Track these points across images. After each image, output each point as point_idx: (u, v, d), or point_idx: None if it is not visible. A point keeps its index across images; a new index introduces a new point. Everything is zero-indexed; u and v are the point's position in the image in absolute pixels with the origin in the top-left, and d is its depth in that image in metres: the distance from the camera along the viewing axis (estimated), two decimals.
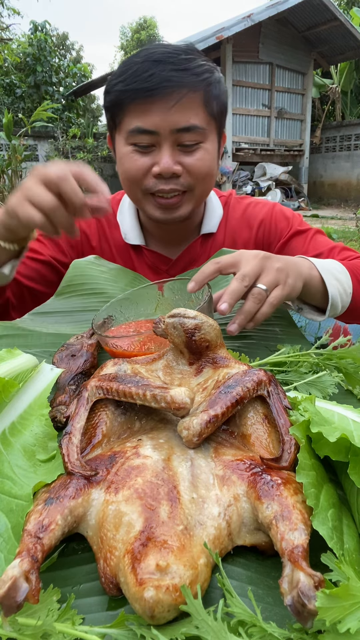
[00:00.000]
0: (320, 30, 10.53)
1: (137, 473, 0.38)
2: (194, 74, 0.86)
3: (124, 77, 0.86)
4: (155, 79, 0.83)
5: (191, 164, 0.90)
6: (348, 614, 0.28)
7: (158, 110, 0.85)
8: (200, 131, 0.89)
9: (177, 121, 0.86)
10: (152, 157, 0.89)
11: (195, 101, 0.87)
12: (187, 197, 0.94)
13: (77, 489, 0.37)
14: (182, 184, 0.91)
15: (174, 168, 0.88)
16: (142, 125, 0.87)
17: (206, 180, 0.94)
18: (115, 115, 0.92)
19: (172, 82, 0.84)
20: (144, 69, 0.84)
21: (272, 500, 0.35)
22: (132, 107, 0.87)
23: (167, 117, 0.85)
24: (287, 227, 1.08)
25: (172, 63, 0.84)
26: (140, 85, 0.84)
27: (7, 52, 10.86)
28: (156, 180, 0.90)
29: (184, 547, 0.33)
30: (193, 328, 0.52)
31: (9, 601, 0.29)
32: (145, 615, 0.30)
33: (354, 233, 6.62)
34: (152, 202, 0.94)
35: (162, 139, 0.88)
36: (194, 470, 0.39)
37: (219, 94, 0.92)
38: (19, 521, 0.37)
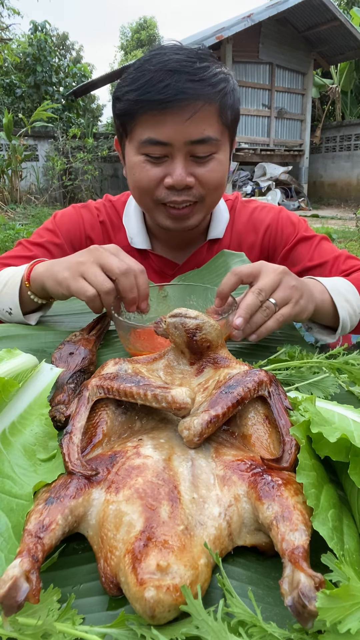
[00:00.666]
0: (320, 30, 10.52)
1: (137, 473, 0.38)
2: (210, 84, 0.83)
3: (137, 86, 0.83)
4: (170, 91, 0.80)
5: (204, 175, 0.89)
6: (348, 614, 0.28)
7: (172, 122, 0.83)
8: (214, 142, 0.87)
9: (191, 133, 0.84)
10: (165, 167, 0.88)
11: (210, 113, 0.85)
12: (198, 207, 0.93)
13: (77, 489, 0.37)
14: (194, 194, 0.90)
15: (187, 180, 0.87)
16: (155, 136, 0.85)
17: (217, 190, 0.94)
18: (126, 124, 0.89)
19: (188, 95, 0.81)
20: (158, 79, 0.81)
21: (272, 501, 0.36)
22: (145, 117, 0.85)
23: (181, 130, 0.83)
24: (293, 233, 1.08)
25: (187, 73, 0.81)
26: (154, 97, 0.81)
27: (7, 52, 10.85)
28: (168, 191, 0.89)
29: (184, 547, 0.33)
30: (194, 328, 0.52)
31: (10, 601, 0.29)
32: (145, 615, 0.30)
33: (354, 233, 6.62)
34: (164, 212, 0.93)
35: (175, 150, 0.86)
36: (195, 471, 0.39)
37: (234, 102, 0.90)
38: (20, 520, 0.37)
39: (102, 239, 1.10)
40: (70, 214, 1.12)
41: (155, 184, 0.89)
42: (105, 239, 1.10)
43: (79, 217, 1.10)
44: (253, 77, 10.62)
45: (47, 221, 1.12)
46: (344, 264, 1.03)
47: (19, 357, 0.55)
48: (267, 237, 1.10)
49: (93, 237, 1.10)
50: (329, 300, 0.81)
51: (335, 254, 1.04)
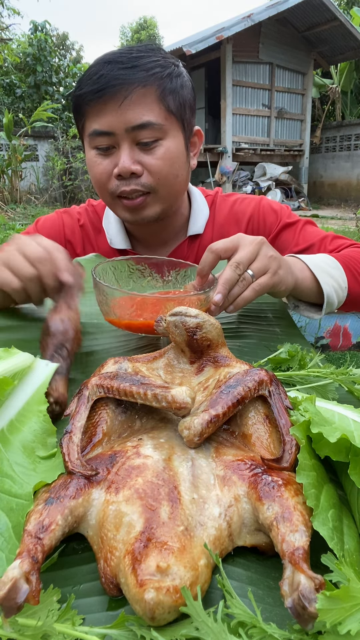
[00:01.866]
0: (320, 30, 10.53)
1: (137, 473, 0.38)
2: (143, 70, 0.85)
3: (80, 82, 0.88)
4: (104, 79, 0.83)
5: (151, 163, 0.89)
6: (348, 615, 0.28)
7: (110, 110, 0.85)
8: (157, 127, 0.87)
9: (130, 119, 0.85)
10: (113, 158, 0.89)
11: (147, 97, 0.85)
12: (151, 198, 0.93)
13: (77, 489, 0.37)
14: (143, 184, 0.90)
15: (132, 168, 0.87)
16: (98, 127, 0.87)
17: (169, 180, 0.92)
18: (78, 121, 0.93)
19: (119, 80, 0.83)
20: (94, 72, 0.85)
21: (272, 502, 0.35)
22: (88, 110, 0.88)
23: (119, 116, 0.85)
24: (276, 221, 1.07)
25: (120, 62, 0.84)
26: (90, 87, 0.85)
27: (7, 52, 10.85)
28: (118, 182, 0.90)
29: (184, 548, 0.33)
30: (194, 327, 0.52)
31: (10, 602, 0.29)
32: (145, 616, 0.30)
33: (354, 233, 6.62)
34: (120, 205, 0.94)
35: (119, 139, 0.87)
36: (195, 471, 0.39)
37: (177, 87, 0.89)
38: (20, 520, 0.37)
39: (82, 242, 1.11)
40: (52, 220, 1.13)
41: (107, 176, 0.90)
42: (86, 242, 1.11)
43: (59, 222, 1.12)
44: (253, 77, 10.63)
45: (30, 226, 1.14)
46: (331, 244, 1.02)
47: (16, 356, 0.55)
48: (250, 228, 1.09)
49: (73, 242, 1.11)
50: (311, 276, 0.81)
51: (321, 236, 1.03)
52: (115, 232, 1.08)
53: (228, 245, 0.72)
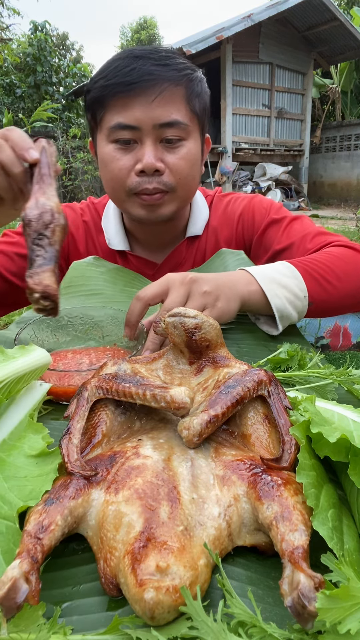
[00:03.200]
0: (320, 30, 10.53)
1: (137, 473, 0.38)
2: (175, 69, 0.85)
3: (105, 74, 0.86)
4: (136, 73, 0.83)
5: (174, 162, 0.89)
6: (348, 614, 0.28)
7: (139, 104, 0.84)
8: (182, 127, 0.88)
9: (159, 116, 0.85)
10: (135, 154, 0.88)
11: (176, 96, 0.86)
12: (169, 197, 0.92)
13: (77, 489, 0.37)
14: (165, 183, 0.89)
15: (157, 164, 0.87)
16: (123, 120, 0.86)
17: (188, 182, 0.93)
18: (96, 113, 0.91)
19: (153, 76, 0.83)
20: (125, 65, 0.84)
21: (272, 501, 0.35)
22: (112, 102, 0.86)
23: (148, 112, 0.84)
24: (264, 218, 1.05)
25: (152, 59, 0.84)
26: (120, 80, 0.83)
27: (7, 52, 10.85)
28: (139, 179, 0.89)
29: (184, 548, 0.33)
30: (193, 327, 0.52)
31: (9, 602, 0.29)
32: (145, 616, 0.30)
33: (354, 233, 6.62)
34: (136, 202, 0.93)
35: (143, 135, 0.86)
36: (194, 471, 0.39)
37: (201, 92, 0.91)
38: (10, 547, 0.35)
39: (85, 239, 1.10)
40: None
41: (127, 172, 0.89)
42: (88, 239, 1.10)
43: None
44: (253, 77, 10.62)
45: None
46: (311, 242, 0.97)
47: (33, 352, 0.54)
48: (240, 227, 1.08)
49: (76, 237, 1.09)
50: (259, 290, 0.76)
51: (303, 233, 0.99)
52: (114, 233, 1.07)
53: (156, 291, 0.68)
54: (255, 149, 10.82)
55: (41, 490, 0.38)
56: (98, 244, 1.09)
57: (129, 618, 0.31)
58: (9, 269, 1.00)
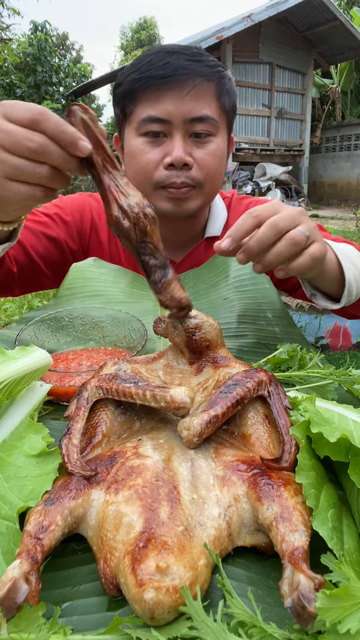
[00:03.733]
0: (320, 30, 10.52)
1: (137, 473, 0.38)
2: (207, 65, 0.86)
3: (138, 67, 0.87)
4: (170, 67, 0.84)
5: (202, 157, 0.89)
6: (348, 614, 0.28)
7: (171, 98, 0.85)
8: (212, 122, 0.88)
9: (190, 110, 0.86)
10: (163, 148, 0.88)
11: (208, 92, 0.87)
12: (196, 192, 0.93)
13: (77, 490, 0.37)
14: (192, 177, 0.90)
15: (186, 158, 0.87)
16: (154, 113, 0.86)
17: (215, 177, 0.93)
18: (126, 106, 0.91)
19: (187, 70, 0.84)
20: (158, 59, 0.85)
21: (272, 502, 0.35)
22: (144, 95, 0.87)
23: (180, 106, 0.85)
24: None
25: (185, 54, 0.85)
26: (154, 73, 0.84)
27: (7, 52, 10.85)
28: (168, 172, 0.89)
29: (184, 548, 0.33)
30: (193, 327, 0.52)
31: (9, 602, 0.29)
32: (145, 616, 0.30)
33: (354, 233, 6.62)
34: (163, 195, 0.92)
35: (174, 129, 0.87)
36: (194, 471, 0.39)
37: (230, 90, 0.92)
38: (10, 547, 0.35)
39: (107, 231, 1.09)
40: (78, 199, 1.10)
41: (155, 165, 0.89)
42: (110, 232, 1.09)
43: (87, 203, 1.09)
44: (253, 77, 10.62)
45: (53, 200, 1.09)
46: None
47: (33, 353, 0.54)
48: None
49: (99, 227, 1.08)
50: (335, 259, 0.73)
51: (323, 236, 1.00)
52: None
53: (270, 211, 0.62)
54: (255, 149, 10.81)
55: (41, 490, 0.38)
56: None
57: (129, 618, 0.31)
58: (35, 247, 0.99)
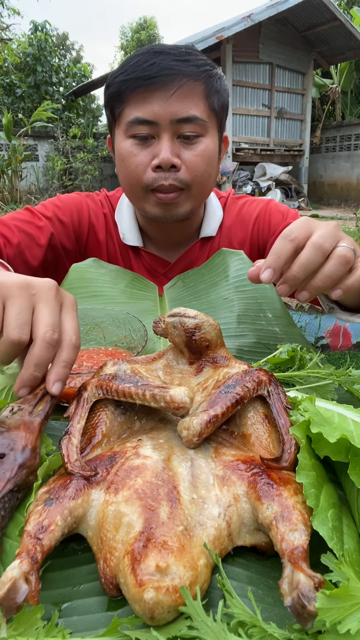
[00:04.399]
0: (320, 30, 10.52)
1: (137, 473, 0.38)
2: (194, 65, 0.86)
3: (125, 69, 0.86)
4: (156, 68, 0.83)
5: (190, 159, 0.88)
6: (348, 614, 0.28)
7: (158, 99, 0.84)
8: (201, 123, 0.88)
9: (177, 111, 0.85)
10: (152, 150, 0.88)
11: (195, 91, 0.86)
12: (185, 195, 0.92)
13: (76, 490, 0.37)
14: (180, 180, 0.89)
15: (173, 160, 0.87)
16: (141, 115, 0.86)
17: (204, 179, 0.92)
18: (114, 108, 0.91)
19: (173, 70, 0.83)
20: (144, 60, 0.84)
21: (272, 501, 0.35)
22: (132, 97, 0.86)
23: (167, 107, 0.85)
24: (281, 222, 1.05)
25: (172, 54, 0.85)
26: (140, 74, 0.84)
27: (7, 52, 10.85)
28: (156, 175, 0.88)
29: (184, 548, 0.33)
30: (193, 327, 0.52)
31: (9, 602, 0.29)
32: (145, 616, 0.30)
33: (354, 233, 6.62)
34: (152, 199, 0.92)
35: (161, 130, 0.86)
36: (194, 471, 0.39)
37: (220, 89, 0.91)
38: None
39: (105, 230, 1.09)
40: (75, 199, 1.09)
41: (143, 168, 0.89)
42: (107, 230, 1.09)
43: (84, 204, 1.09)
44: (253, 77, 10.62)
45: (52, 199, 1.09)
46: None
47: None
48: (256, 230, 1.07)
49: (97, 227, 1.08)
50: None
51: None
52: (128, 228, 1.06)
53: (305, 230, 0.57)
54: (255, 149, 10.82)
55: None
56: (115, 237, 1.08)
57: (128, 619, 0.31)
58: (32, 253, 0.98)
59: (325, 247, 0.55)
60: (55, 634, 0.30)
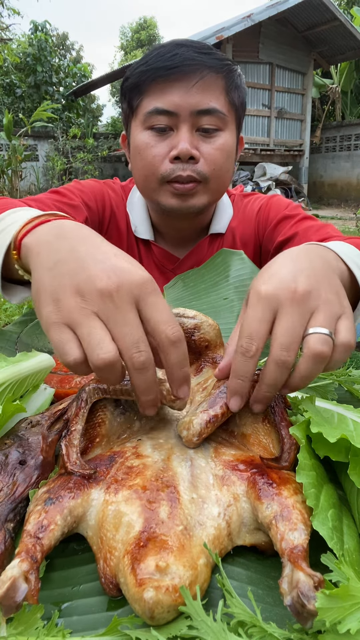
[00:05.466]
0: (320, 30, 10.52)
1: (136, 473, 0.38)
2: (216, 58, 0.85)
3: (146, 60, 0.86)
4: (178, 58, 0.82)
5: (209, 152, 0.87)
6: (348, 614, 0.28)
7: (178, 90, 0.84)
8: (220, 116, 0.87)
9: (198, 102, 0.84)
10: (170, 141, 0.87)
11: (216, 85, 0.86)
12: (202, 187, 0.91)
13: (76, 489, 0.37)
14: (199, 172, 0.88)
15: (192, 151, 0.85)
16: (161, 105, 0.85)
17: (222, 174, 0.91)
18: (133, 100, 0.89)
19: (195, 61, 0.83)
20: (167, 51, 0.84)
21: (271, 500, 0.35)
22: (151, 87, 0.85)
23: (187, 98, 0.84)
24: (278, 214, 1.04)
25: (194, 47, 0.84)
26: (162, 64, 0.83)
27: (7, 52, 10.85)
28: (173, 166, 0.87)
29: (183, 548, 0.33)
30: (192, 328, 0.52)
31: (9, 601, 0.29)
32: (145, 616, 0.30)
33: (354, 233, 6.62)
34: (169, 190, 0.90)
35: (180, 121, 0.85)
36: (194, 471, 0.39)
37: (240, 85, 0.91)
38: None
39: (126, 220, 1.07)
40: (95, 185, 1.07)
41: (161, 159, 0.88)
42: (128, 222, 1.07)
43: (105, 192, 1.07)
44: (253, 77, 10.62)
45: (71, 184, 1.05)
46: (316, 233, 0.91)
47: (35, 357, 0.54)
48: (257, 225, 1.07)
49: (118, 216, 1.06)
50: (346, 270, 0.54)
51: (308, 225, 0.95)
52: (140, 221, 1.05)
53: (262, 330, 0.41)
54: (255, 149, 10.82)
55: None
56: (130, 227, 1.07)
57: (128, 618, 0.31)
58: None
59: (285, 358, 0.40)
60: (55, 634, 0.30)
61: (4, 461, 0.42)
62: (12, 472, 0.41)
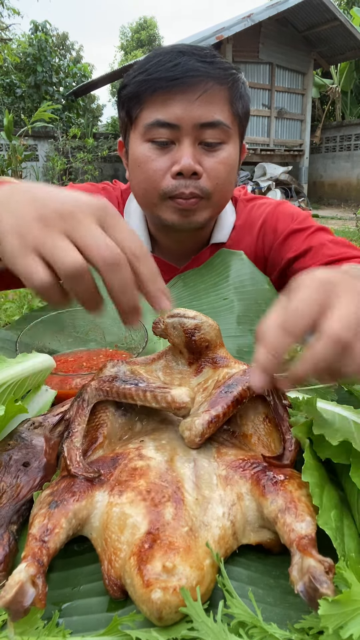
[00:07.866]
0: (320, 30, 10.52)
1: (140, 475, 0.38)
2: (220, 67, 0.81)
3: (146, 68, 0.81)
4: (180, 69, 0.78)
5: (212, 166, 0.84)
6: (350, 619, 0.28)
7: (181, 102, 0.79)
8: (225, 129, 0.83)
9: (201, 115, 0.80)
10: (171, 156, 0.83)
11: (221, 96, 0.82)
12: (204, 203, 0.87)
13: (80, 492, 0.37)
14: (201, 188, 0.84)
15: (195, 167, 0.82)
16: (162, 117, 0.80)
17: (225, 188, 0.88)
18: (131, 110, 0.85)
19: (199, 72, 0.78)
20: (167, 59, 0.79)
21: (276, 495, 0.36)
22: (152, 98, 0.81)
23: (190, 111, 0.79)
24: (287, 226, 0.99)
25: (197, 55, 0.80)
26: (163, 74, 0.78)
27: (7, 52, 10.84)
28: (176, 182, 0.83)
29: (189, 548, 0.33)
30: (193, 328, 0.52)
31: (17, 606, 0.29)
32: (152, 616, 0.30)
33: (354, 233, 6.62)
34: (170, 206, 0.87)
35: (182, 135, 0.81)
36: (197, 471, 0.39)
37: (244, 95, 0.87)
38: None
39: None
40: (89, 189, 1.03)
41: (162, 174, 0.84)
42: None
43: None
44: (253, 77, 10.61)
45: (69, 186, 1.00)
46: (332, 249, 0.90)
47: (35, 358, 0.54)
48: (261, 235, 1.02)
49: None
50: None
51: (322, 241, 0.91)
52: (137, 231, 1.00)
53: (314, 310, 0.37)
54: (255, 149, 10.81)
55: None
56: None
57: (128, 616, 0.31)
58: None
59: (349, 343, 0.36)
60: (55, 634, 0.30)
61: (8, 462, 0.42)
62: (15, 474, 0.42)
